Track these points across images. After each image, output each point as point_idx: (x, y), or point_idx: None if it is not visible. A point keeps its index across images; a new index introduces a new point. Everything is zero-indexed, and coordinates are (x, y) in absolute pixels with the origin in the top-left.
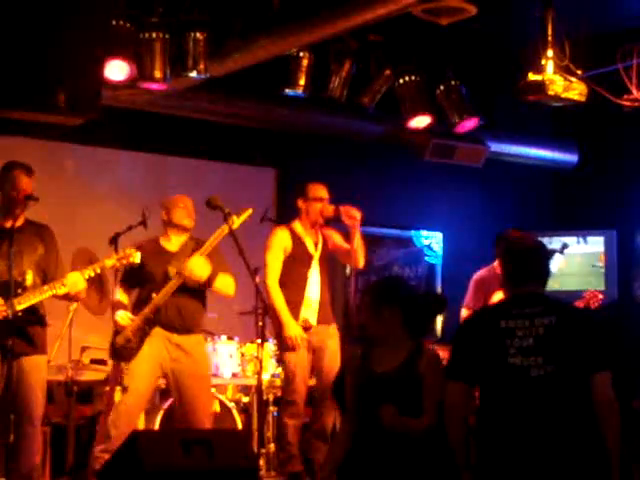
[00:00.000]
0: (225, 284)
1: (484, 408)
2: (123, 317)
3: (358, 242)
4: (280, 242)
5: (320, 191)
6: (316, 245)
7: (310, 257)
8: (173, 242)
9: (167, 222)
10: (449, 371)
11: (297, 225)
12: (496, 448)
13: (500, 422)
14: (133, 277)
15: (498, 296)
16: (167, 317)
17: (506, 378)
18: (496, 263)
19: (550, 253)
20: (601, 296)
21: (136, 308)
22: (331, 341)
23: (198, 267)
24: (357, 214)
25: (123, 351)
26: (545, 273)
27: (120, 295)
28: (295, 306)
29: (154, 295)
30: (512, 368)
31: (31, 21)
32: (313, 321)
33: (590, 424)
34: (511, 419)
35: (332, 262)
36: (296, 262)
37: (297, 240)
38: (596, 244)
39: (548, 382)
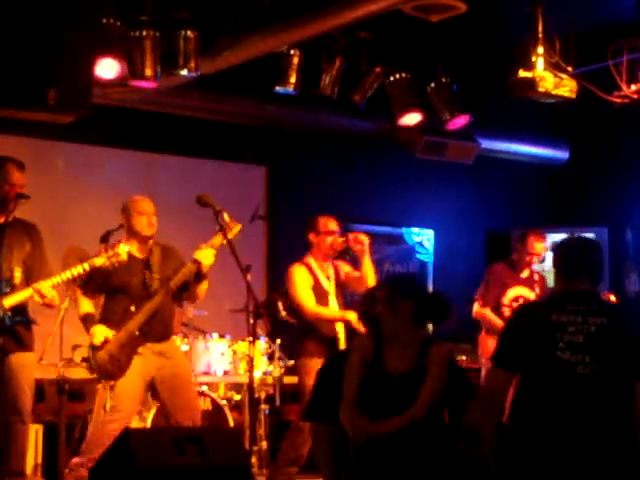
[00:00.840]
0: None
1: (525, 398)
2: (102, 333)
3: (367, 266)
4: (303, 277)
5: (330, 224)
6: (329, 279)
7: (326, 293)
8: (140, 249)
9: (128, 228)
10: (496, 358)
11: (311, 260)
12: (531, 439)
13: (539, 414)
14: (97, 285)
15: (513, 292)
16: (149, 327)
17: (552, 371)
18: (512, 258)
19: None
20: (613, 297)
21: (106, 321)
22: None
23: (209, 257)
24: (365, 239)
25: (110, 370)
26: (597, 271)
27: (87, 306)
28: (323, 340)
29: (132, 308)
30: (559, 362)
31: (21, 20)
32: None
33: (628, 431)
34: (550, 412)
35: None
36: (315, 298)
37: (314, 277)
38: None
39: (592, 381)
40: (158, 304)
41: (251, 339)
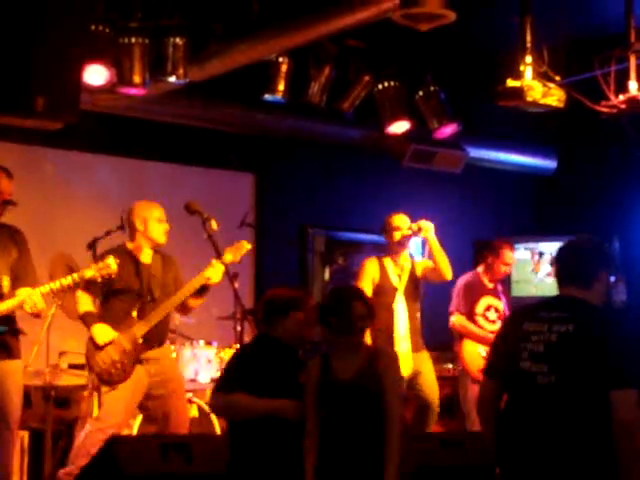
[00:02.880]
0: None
1: (504, 409)
2: (106, 333)
3: (438, 253)
4: (369, 270)
5: (395, 220)
6: (399, 277)
7: (394, 289)
8: (146, 253)
9: (142, 233)
10: (484, 368)
11: (386, 259)
12: (503, 451)
13: (505, 425)
14: (100, 286)
15: (485, 301)
16: (150, 334)
17: (516, 382)
18: (480, 269)
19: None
20: None
21: (104, 321)
22: (425, 366)
23: (218, 274)
24: (426, 225)
25: (113, 374)
26: (586, 275)
27: (88, 304)
28: (386, 334)
29: (134, 313)
30: (521, 373)
31: (10, 26)
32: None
33: (597, 443)
34: (514, 424)
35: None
36: (381, 294)
37: (383, 272)
38: None
39: (552, 392)
40: (164, 314)
41: (238, 346)
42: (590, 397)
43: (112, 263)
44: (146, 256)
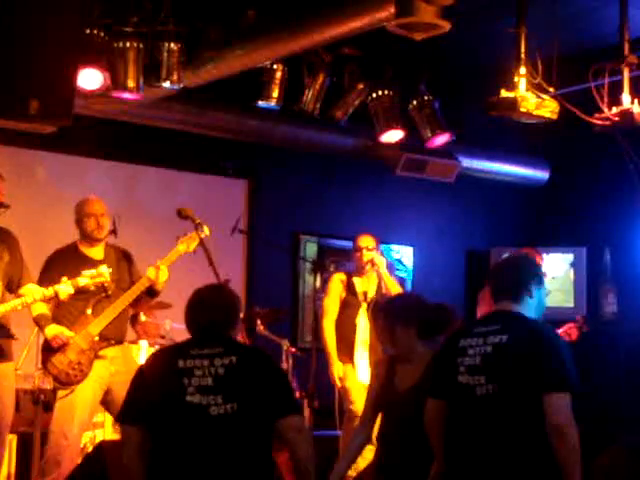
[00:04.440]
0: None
1: (447, 425)
2: (60, 335)
3: (391, 286)
4: (335, 288)
5: (361, 241)
6: (365, 295)
7: (359, 305)
8: (94, 250)
9: (80, 230)
10: (428, 388)
11: (355, 276)
12: (450, 465)
13: (449, 438)
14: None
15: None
16: (107, 331)
17: (455, 397)
18: None
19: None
20: (575, 330)
21: (60, 322)
22: None
23: (161, 276)
24: (378, 260)
25: (71, 374)
26: (517, 289)
27: (41, 306)
28: (348, 346)
29: (89, 311)
30: (460, 386)
31: (3, 29)
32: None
33: (538, 448)
34: (455, 436)
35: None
36: (347, 307)
37: (350, 288)
38: (566, 261)
39: (492, 401)
40: (119, 310)
41: None
42: (526, 403)
43: (105, 272)
44: (97, 252)
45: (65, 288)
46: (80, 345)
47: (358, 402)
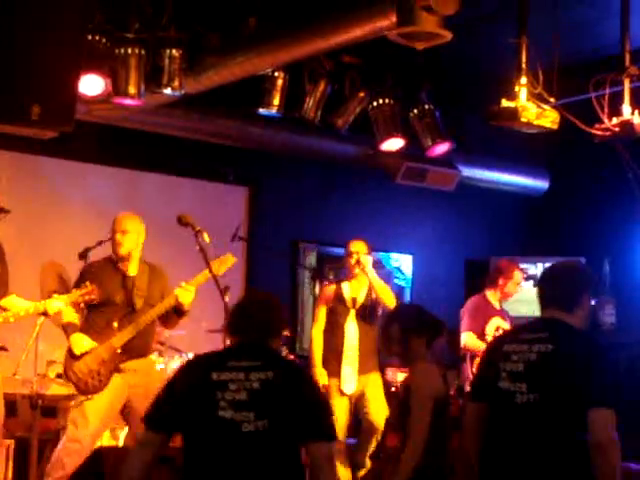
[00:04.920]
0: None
1: (487, 430)
2: (84, 343)
3: (376, 285)
4: (323, 298)
5: (352, 246)
6: (354, 300)
7: (347, 310)
8: (132, 265)
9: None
10: (469, 391)
11: (345, 282)
12: (485, 471)
13: (487, 443)
14: (82, 308)
15: (495, 322)
16: (131, 344)
17: (495, 402)
18: (488, 291)
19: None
20: None
21: (87, 332)
22: (371, 388)
23: (188, 296)
24: (364, 260)
25: (90, 383)
26: (568, 299)
27: (72, 315)
28: (336, 352)
29: (115, 324)
30: (500, 392)
31: (6, 35)
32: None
33: (576, 462)
34: (493, 442)
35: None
36: (335, 314)
37: (339, 294)
38: None
39: (531, 410)
40: (144, 325)
41: None
42: (567, 416)
43: (94, 290)
44: (132, 267)
45: (56, 304)
46: (102, 356)
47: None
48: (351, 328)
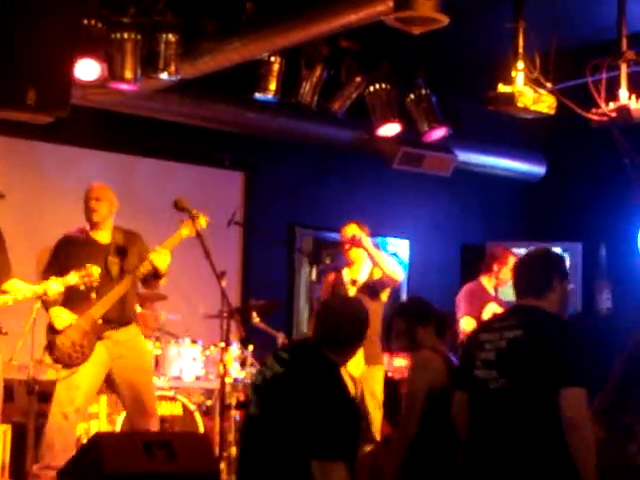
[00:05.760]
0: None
1: (468, 417)
2: (64, 317)
3: (378, 258)
4: (325, 288)
5: (345, 231)
6: (354, 283)
7: (346, 291)
8: (101, 233)
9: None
10: (455, 380)
11: (344, 268)
12: (467, 455)
13: (470, 430)
14: (61, 269)
15: (491, 307)
16: (111, 313)
17: (472, 390)
18: (483, 278)
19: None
20: None
21: (65, 305)
22: (371, 385)
23: (164, 260)
24: (357, 232)
25: (73, 356)
26: (540, 285)
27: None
28: None
29: (93, 295)
30: (475, 381)
31: (1, 19)
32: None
33: (551, 441)
34: (475, 429)
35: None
36: None
37: (339, 281)
38: None
39: (504, 396)
40: (122, 292)
41: (224, 345)
42: (540, 398)
43: (95, 272)
44: (105, 236)
45: (55, 287)
46: (83, 327)
47: None
48: None
